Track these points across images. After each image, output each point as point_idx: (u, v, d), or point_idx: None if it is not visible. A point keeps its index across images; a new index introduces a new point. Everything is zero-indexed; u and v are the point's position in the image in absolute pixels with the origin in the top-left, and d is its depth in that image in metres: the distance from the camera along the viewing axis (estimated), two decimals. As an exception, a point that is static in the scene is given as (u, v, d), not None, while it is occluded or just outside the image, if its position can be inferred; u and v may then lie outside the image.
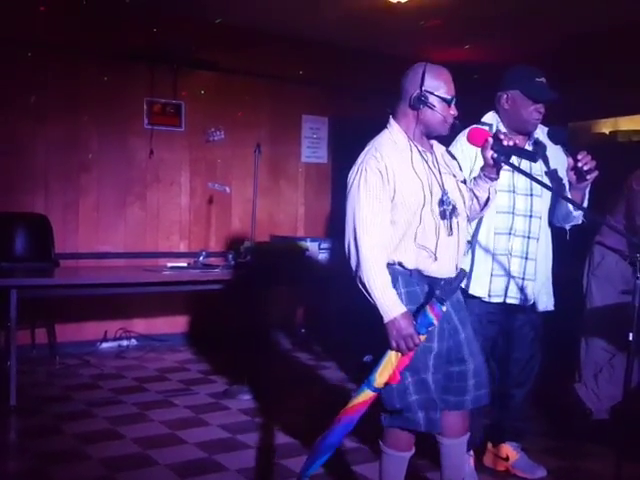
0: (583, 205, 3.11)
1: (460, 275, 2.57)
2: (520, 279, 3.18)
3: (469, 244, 3.07)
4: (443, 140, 2.75)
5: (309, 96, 7.13)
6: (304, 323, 7.14)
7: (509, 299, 3.18)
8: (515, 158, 2.71)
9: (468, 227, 2.80)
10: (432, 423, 2.54)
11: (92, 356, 5.83)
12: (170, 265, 5.46)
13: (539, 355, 3.43)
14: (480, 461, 3.52)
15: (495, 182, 2.67)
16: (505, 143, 2.56)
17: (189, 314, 6.62)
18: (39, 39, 5.75)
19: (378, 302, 2.44)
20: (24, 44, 5.69)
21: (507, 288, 3.17)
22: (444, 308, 2.45)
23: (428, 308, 2.43)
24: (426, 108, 2.54)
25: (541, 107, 3.10)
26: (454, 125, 2.63)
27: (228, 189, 6.15)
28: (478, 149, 2.67)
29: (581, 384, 4.14)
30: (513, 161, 2.68)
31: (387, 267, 2.49)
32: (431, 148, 2.65)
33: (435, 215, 2.52)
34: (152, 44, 6.16)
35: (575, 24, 5.90)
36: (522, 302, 3.21)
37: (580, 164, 2.92)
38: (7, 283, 4.43)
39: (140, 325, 6.36)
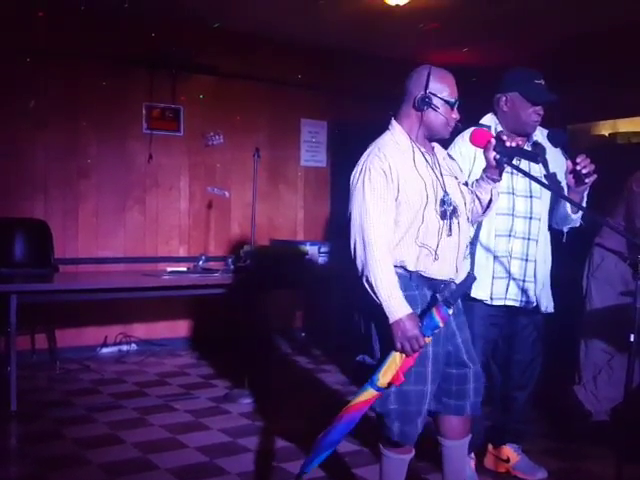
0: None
1: (468, 279, 2.56)
2: (521, 281, 3.18)
3: (471, 246, 3.06)
4: (443, 143, 2.76)
5: (308, 100, 7.13)
6: (304, 327, 7.15)
7: (509, 301, 3.18)
8: (515, 159, 2.71)
9: (469, 229, 2.80)
10: (405, 435, 2.54)
11: (92, 361, 5.83)
12: (170, 270, 5.46)
13: (541, 357, 3.42)
14: (481, 463, 3.53)
15: (498, 183, 2.68)
16: (508, 144, 2.57)
17: (189, 319, 6.62)
18: (38, 44, 5.75)
19: (384, 302, 2.42)
20: (23, 49, 5.69)
21: (507, 290, 3.16)
22: (450, 311, 2.44)
23: (434, 310, 2.42)
24: (430, 110, 2.54)
25: (540, 109, 3.10)
26: (456, 128, 2.64)
27: (227, 193, 6.16)
28: (477, 150, 2.68)
29: (580, 386, 4.14)
30: (513, 162, 2.69)
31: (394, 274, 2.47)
32: (432, 150, 2.66)
33: (437, 215, 2.51)
34: (151, 49, 6.17)
35: (574, 25, 5.90)
36: (523, 304, 3.21)
37: (579, 167, 2.91)
38: (7, 289, 4.42)
39: (140, 330, 6.36)
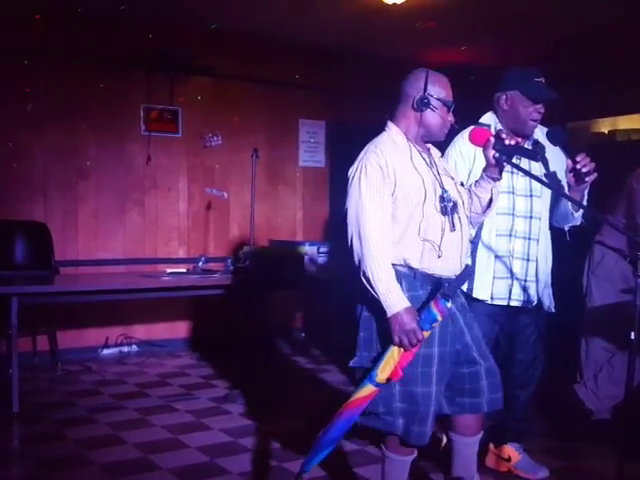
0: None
1: (466, 271, 2.56)
2: (523, 281, 3.17)
3: (472, 244, 3.06)
4: (438, 145, 2.76)
5: (306, 100, 7.13)
6: (304, 327, 7.16)
7: (513, 302, 3.18)
8: (515, 158, 2.71)
9: (470, 228, 2.80)
10: (410, 433, 2.51)
11: (93, 362, 5.83)
12: (169, 271, 5.46)
13: (542, 356, 3.43)
14: (482, 462, 3.51)
15: (498, 182, 2.67)
16: (507, 142, 2.57)
17: (189, 319, 6.62)
18: (36, 47, 5.75)
19: (382, 296, 2.42)
20: (20, 52, 5.69)
21: (510, 291, 3.16)
22: (449, 304, 2.43)
23: (432, 304, 2.42)
24: (428, 110, 2.56)
25: (540, 107, 3.10)
26: (451, 130, 2.64)
27: (226, 194, 6.17)
28: (477, 150, 2.67)
29: (580, 385, 4.13)
30: (513, 161, 2.68)
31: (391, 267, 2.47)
32: (428, 151, 2.67)
33: (437, 211, 2.52)
34: (148, 50, 6.17)
35: (574, 24, 5.89)
36: (526, 304, 3.21)
37: (579, 166, 2.90)
38: (8, 291, 4.43)
39: (140, 331, 6.36)
